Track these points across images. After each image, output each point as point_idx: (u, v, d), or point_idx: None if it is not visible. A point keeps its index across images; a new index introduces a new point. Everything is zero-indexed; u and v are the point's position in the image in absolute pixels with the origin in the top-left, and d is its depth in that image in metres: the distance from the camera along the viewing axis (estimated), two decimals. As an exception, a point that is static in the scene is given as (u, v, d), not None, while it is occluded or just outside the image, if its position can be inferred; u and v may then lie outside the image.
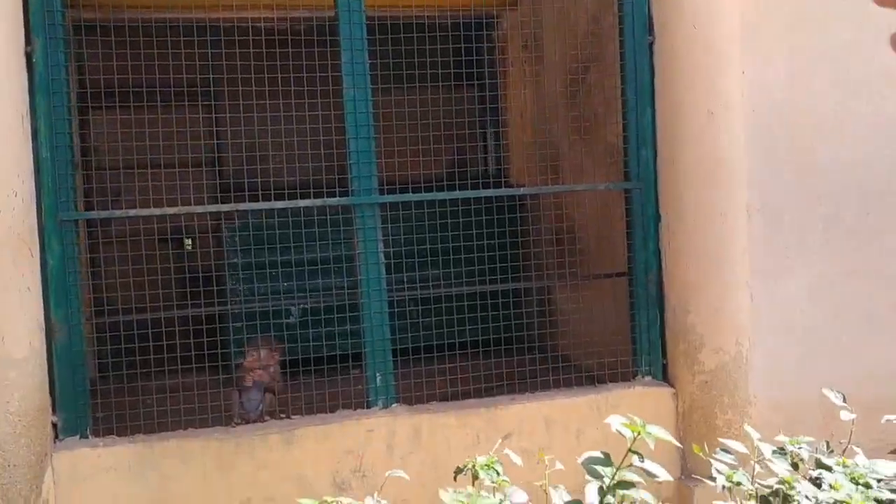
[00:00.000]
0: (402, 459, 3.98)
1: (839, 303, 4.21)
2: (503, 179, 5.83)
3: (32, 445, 3.50)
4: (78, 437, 3.74)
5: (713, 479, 1.99)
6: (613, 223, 4.65)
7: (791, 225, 4.13)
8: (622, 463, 1.79)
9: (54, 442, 3.69)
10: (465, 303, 4.53)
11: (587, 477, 1.86)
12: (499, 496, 1.82)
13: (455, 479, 1.98)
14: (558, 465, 1.93)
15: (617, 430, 1.76)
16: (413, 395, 4.18)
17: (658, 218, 4.26)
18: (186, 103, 4.99)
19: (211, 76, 4.25)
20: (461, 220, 4.37)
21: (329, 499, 1.92)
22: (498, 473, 1.90)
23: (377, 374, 4.04)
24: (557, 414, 4.12)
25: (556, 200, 5.00)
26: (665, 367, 4.29)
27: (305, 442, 3.90)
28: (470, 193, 4.22)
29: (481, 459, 1.92)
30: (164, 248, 5.62)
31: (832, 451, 2.09)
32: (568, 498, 1.80)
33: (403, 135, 4.49)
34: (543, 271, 5.16)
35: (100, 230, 5.70)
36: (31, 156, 3.56)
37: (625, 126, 4.31)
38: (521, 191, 4.87)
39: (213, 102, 5.68)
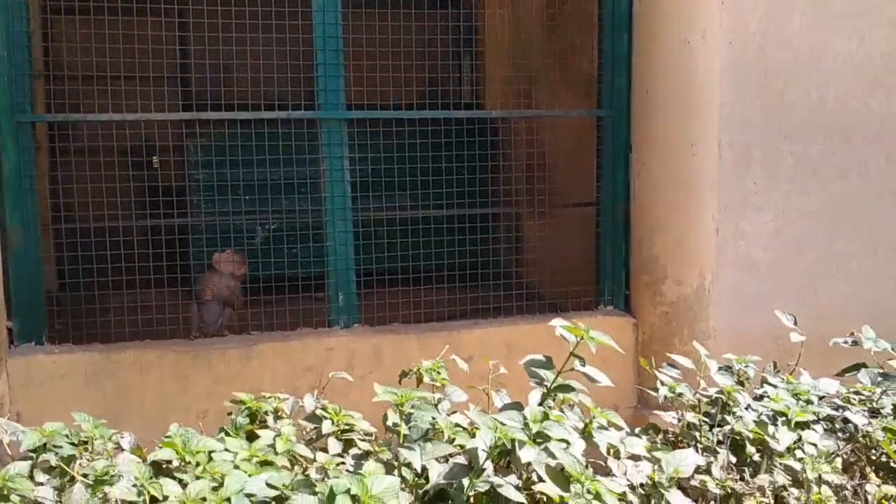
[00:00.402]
0: (361, 379, 3.97)
1: (802, 240, 4.23)
2: (477, 104, 5.75)
3: (-15, 349, 3.46)
4: (34, 343, 3.70)
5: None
6: (585, 153, 4.61)
7: (760, 161, 4.11)
8: (563, 367, 1.78)
9: (9, 347, 3.64)
10: (433, 226, 4.50)
11: (531, 383, 1.86)
12: (438, 395, 1.82)
13: (399, 382, 1.98)
14: (502, 370, 1.92)
15: (560, 335, 1.75)
16: (376, 316, 4.17)
17: (629, 148, 4.22)
18: (151, 18, 4.83)
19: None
20: (432, 142, 4.30)
21: (266, 394, 1.90)
22: (440, 375, 1.89)
23: (339, 294, 4.02)
24: (518, 339, 4.13)
25: (529, 126, 4.94)
26: (627, 297, 4.31)
27: (264, 357, 3.89)
28: (439, 113, 4.16)
29: (426, 364, 1.91)
30: (129, 161, 5.50)
31: (779, 371, 2.11)
32: (508, 399, 1.80)
33: (376, 60, 4.39)
34: (513, 199, 5.13)
35: (67, 141, 5.58)
36: (-14, 53, 3.43)
37: (600, 53, 4.24)
38: (492, 114, 4.80)
39: (178, 19, 5.51)
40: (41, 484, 1.40)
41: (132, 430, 3.73)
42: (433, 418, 1.63)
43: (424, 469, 1.48)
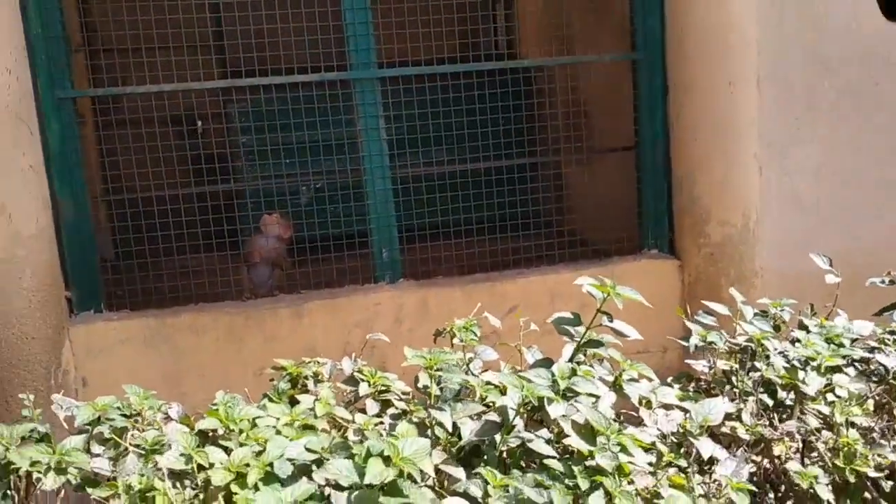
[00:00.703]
0: (410, 332, 4.06)
1: (848, 174, 4.14)
2: (514, 52, 5.70)
3: (48, 319, 3.61)
4: (92, 311, 3.85)
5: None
6: (623, 97, 4.55)
7: (801, 94, 4.01)
8: (592, 322, 1.81)
9: (70, 316, 3.80)
10: (473, 179, 4.50)
11: (565, 339, 1.90)
12: (469, 355, 1.86)
13: (434, 341, 2.03)
14: (533, 327, 1.96)
15: (587, 291, 1.78)
16: (420, 271, 4.22)
17: (665, 89, 4.16)
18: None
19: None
20: (468, 95, 4.29)
21: (306, 359, 1.97)
22: (475, 335, 1.93)
23: (383, 251, 4.08)
24: (562, 287, 4.15)
25: (566, 73, 4.88)
26: (671, 240, 4.29)
27: (314, 315, 3.98)
28: (471, 66, 4.14)
29: (459, 322, 1.95)
30: (175, 129, 5.60)
31: (815, 314, 2.11)
32: (541, 357, 1.84)
33: (405, 16, 4.36)
34: (551, 147, 5.10)
35: (113, 114, 5.69)
36: (23, 33, 3.51)
37: (634, -6, 4.17)
38: (524, 63, 4.76)
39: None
40: (98, 455, 1.50)
41: (192, 391, 3.90)
42: (463, 378, 1.68)
43: (457, 427, 1.54)
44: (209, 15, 5.55)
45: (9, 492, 1.40)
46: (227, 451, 1.39)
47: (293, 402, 1.71)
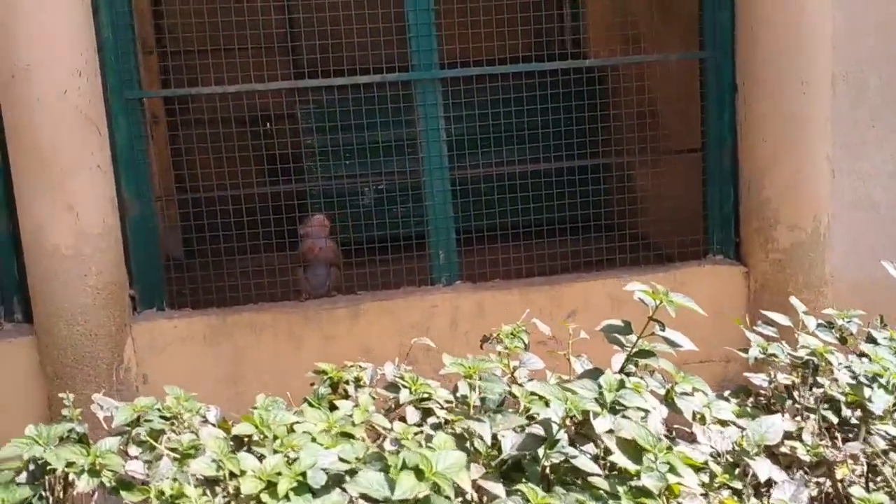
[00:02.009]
0: (465, 335, 4.01)
1: (928, 177, 3.94)
2: (580, 52, 5.60)
3: (112, 317, 3.69)
4: (155, 309, 3.91)
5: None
6: (692, 97, 4.42)
7: (876, 94, 3.83)
8: (643, 331, 1.74)
9: (133, 314, 3.87)
10: (542, 180, 4.43)
11: (615, 347, 1.83)
12: (514, 363, 1.81)
13: (481, 346, 1.98)
14: (583, 335, 1.89)
15: (639, 298, 1.71)
16: (478, 273, 4.17)
17: (734, 88, 4.02)
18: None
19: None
20: (535, 94, 4.22)
21: (349, 363, 1.95)
22: (523, 342, 1.87)
23: (440, 252, 4.05)
24: (624, 292, 4.01)
25: (634, 72, 4.77)
26: (737, 244, 4.15)
27: (371, 316, 3.98)
28: (536, 66, 4.07)
29: (506, 328, 1.90)
30: (244, 129, 5.68)
31: (885, 326, 1.99)
32: (590, 366, 1.77)
33: (467, 17, 4.31)
34: (613, 148, 4.99)
35: (185, 114, 5.82)
36: (94, 34, 3.59)
37: (701, -11, 4.04)
38: (585, 63, 4.66)
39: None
40: (134, 458, 1.50)
41: (249, 390, 3.92)
42: (504, 388, 1.62)
43: (497, 440, 1.49)
44: (279, 17, 5.60)
45: (43, 493, 1.41)
46: (261, 458, 1.37)
47: (332, 408, 1.68)
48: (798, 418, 1.72)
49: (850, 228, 3.92)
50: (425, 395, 1.71)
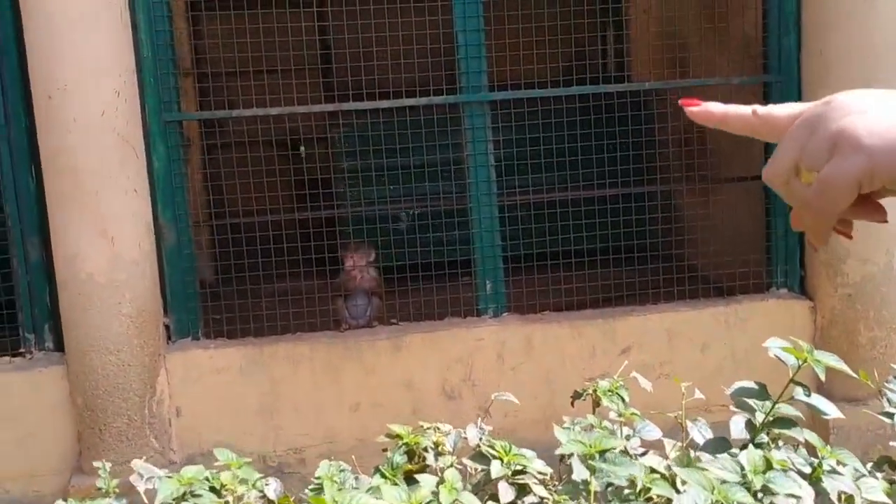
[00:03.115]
0: (512, 370, 3.82)
1: None
2: (625, 74, 5.43)
3: (145, 346, 3.53)
4: (190, 338, 3.76)
5: (879, 409, 1.68)
6: (748, 122, 4.21)
7: (959, 119, 3.60)
8: (781, 396, 1.50)
9: (167, 343, 3.71)
10: (584, 208, 4.26)
11: (732, 407, 1.60)
12: (626, 430, 1.57)
13: (572, 404, 1.76)
14: (698, 394, 1.65)
15: (775, 356, 1.48)
16: (526, 304, 3.98)
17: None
18: (291, 10, 4.81)
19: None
20: (579, 119, 4.05)
21: (425, 424, 1.72)
22: (624, 401, 1.64)
23: (487, 282, 3.87)
24: (680, 326, 3.85)
25: (684, 96, 4.59)
26: (803, 278, 3.93)
27: (413, 348, 3.80)
28: (587, 89, 3.90)
29: (604, 384, 1.66)
30: (280, 153, 5.56)
31: None
32: (709, 433, 1.53)
33: (519, 38, 4.16)
34: (669, 174, 4.79)
35: (218, 137, 5.72)
36: (133, 55, 3.47)
37: (765, 12, 3.86)
38: (644, 85, 4.48)
39: (317, 8, 5.47)
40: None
41: (287, 424, 3.76)
42: (635, 473, 1.35)
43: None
44: (317, 37, 5.49)
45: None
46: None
47: (409, 479, 1.46)
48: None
49: (927, 262, 3.69)
50: (519, 468, 1.48)
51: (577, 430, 1.47)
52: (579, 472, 1.32)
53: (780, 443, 1.48)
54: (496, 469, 1.46)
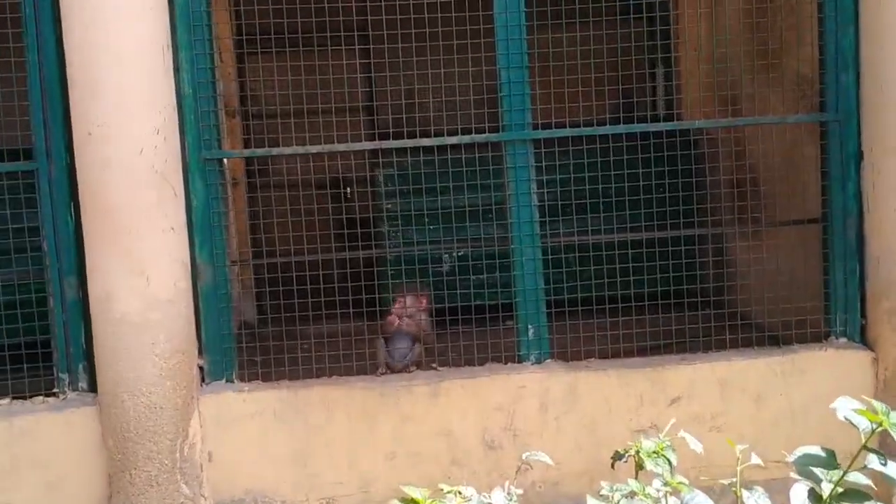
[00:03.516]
0: (556, 420, 3.67)
1: None
2: (674, 113, 5.30)
3: (179, 388, 3.46)
4: (224, 381, 3.67)
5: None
6: (802, 163, 4.06)
7: None
8: (851, 464, 1.34)
9: (201, 385, 3.63)
10: (631, 251, 4.11)
11: (792, 474, 1.43)
12: (672, 502, 1.40)
13: (612, 466, 1.61)
14: (754, 459, 1.49)
15: (845, 419, 1.32)
16: (570, 350, 3.83)
17: (860, 155, 3.66)
18: (332, 48, 4.80)
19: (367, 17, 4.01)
20: (626, 159, 3.93)
21: (445, 487, 1.59)
22: (670, 465, 1.48)
23: (529, 327, 3.73)
24: (734, 376, 3.66)
25: (735, 136, 4.44)
26: (863, 327, 3.72)
27: (452, 395, 3.67)
28: (635, 127, 3.79)
29: (648, 444, 1.50)
30: (322, 192, 5.54)
31: None
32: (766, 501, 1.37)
33: (564, 75, 4.07)
34: (721, 217, 4.63)
35: (265, 176, 5.74)
36: (174, 92, 3.45)
37: (821, 49, 3.72)
38: (695, 124, 4.35)
39: (359, 46, 5.47)
40: None
41: (322, 471, 3.63)
42: None
43: None
44: (358, 75, 5.48)
45: None
46: None
47: None
48: None
49: None
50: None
51: (618, 496, 1.32)
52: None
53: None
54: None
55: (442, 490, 1.58)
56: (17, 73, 3.56)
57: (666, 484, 1.43)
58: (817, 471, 1.32)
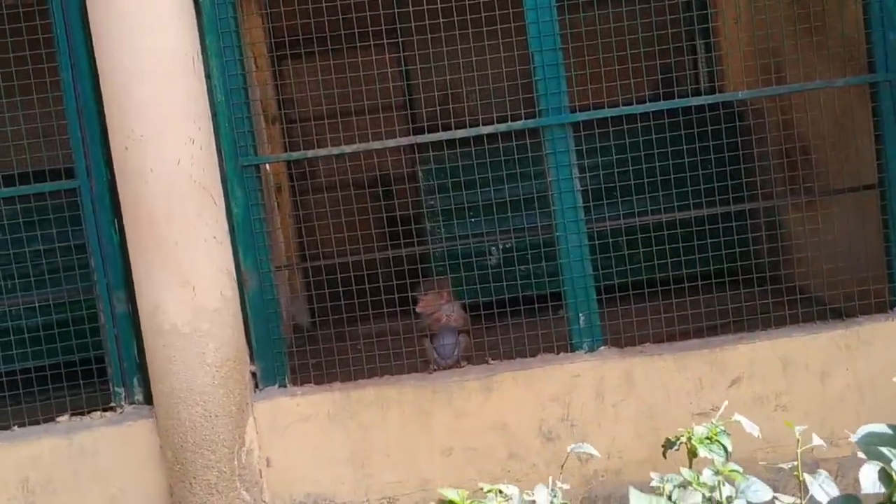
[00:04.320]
0: (613, 407, 3.59)
1: None
2: (716, 85, 5.16)
3: (232, 395, 3.46)
4: (277, 386, 3.67)
5: None
6: (854, 128, 3.90)
7: None
8: None
9: (254, 391, 3.64)
10: (680, 231, 4.01)
11: (860, 454, 1.34)
12: (727, 491, 1.32)
13: (664, 455, 1.54)
14: (816, 440, 1.40)
15: None
16: (623, 336, 3.75)
17: (917, 113, 3.50)
18: (367, 42, 4.78)
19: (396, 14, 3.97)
20: (665, 136, 3.82)
21: (484, 486, 1.54)
22: (725, 450, 1.40)
23: (580, 315, 3.65)
24: (796, 354, 3.54)
25: (781, 105, 4.29)
26: (931, 295, 3.57)
27: (505, 388, 3.62)
28: (675, 103, 3.68)
29: (700, 430, 1.43)
30: (364, 192, 5.52)
31: None
32: (833, 488, 1.28)
33: (598, 54, 3.97)
34: (772, 189, 4.48)
35: (308, 178, 5.75)
36: (207, 101, 3.45)
37: (865, 7, 3.57)
38: (738, 95, 4.22)
39: (388, 39, 5.43)
40: None
41: (378, 471, 3.61)
42: None
43: None
44: (387, 70, 5.43)
45: None
46: None
47: None
48: None
49: None
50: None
51: (669, 487, 1.25)
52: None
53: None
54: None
55: (482, 488, 1.53)
56: (53, 93, 3.60)
57: (717, 473, 1.35)
58: (884, 450, 1.23)
